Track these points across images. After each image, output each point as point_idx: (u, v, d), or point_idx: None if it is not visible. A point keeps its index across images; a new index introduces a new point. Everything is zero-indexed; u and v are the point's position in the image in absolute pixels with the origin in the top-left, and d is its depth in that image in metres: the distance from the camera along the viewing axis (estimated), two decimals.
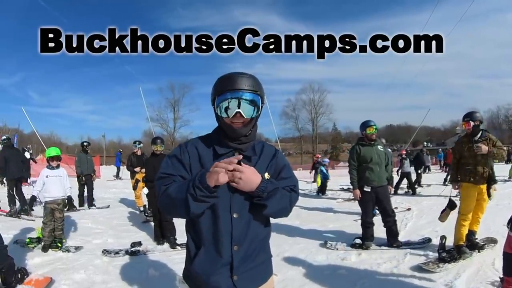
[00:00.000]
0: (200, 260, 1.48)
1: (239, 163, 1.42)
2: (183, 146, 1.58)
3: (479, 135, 4.52)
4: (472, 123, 4.52)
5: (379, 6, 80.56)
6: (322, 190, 12.63)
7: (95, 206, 9.43)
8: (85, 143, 10.04)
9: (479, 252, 4.42)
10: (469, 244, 4.48)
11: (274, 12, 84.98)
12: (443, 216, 4.81)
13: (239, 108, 1.44)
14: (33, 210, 5.23)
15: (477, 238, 4.61)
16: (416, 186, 12.04)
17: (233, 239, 1.45)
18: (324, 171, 12.83)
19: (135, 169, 8.64)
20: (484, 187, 4.44)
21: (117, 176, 20.75)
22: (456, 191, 4.84)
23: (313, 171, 14.79)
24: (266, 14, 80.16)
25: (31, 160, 14.71)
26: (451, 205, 4.76)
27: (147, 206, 7.88)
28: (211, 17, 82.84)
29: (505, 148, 4.49)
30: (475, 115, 4.59)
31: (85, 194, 9.51)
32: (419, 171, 13.02)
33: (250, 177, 1.41)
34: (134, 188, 8.44)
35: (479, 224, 4.59)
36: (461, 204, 4.59)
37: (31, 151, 15.83)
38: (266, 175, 1.52)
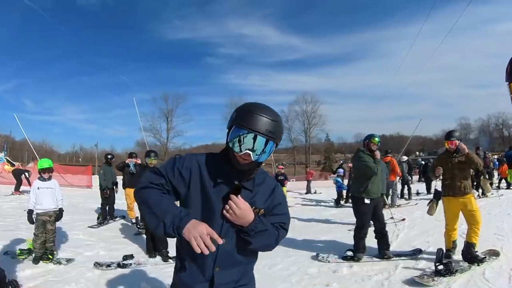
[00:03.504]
0: (183, 275, 1.54)
1: (237, 194, 1.46)
2: (187, 160, 1.56)
3: (456, 152, 4.80)
4: (457, 142, 4.79)
5: (371, 19, 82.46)
6: (338, 200, 12.38)
7: (114, 220, 9.18)
8: (109, 156, 9.80)
9: (478, 265, 4.37)
10: (469, 257, 4.49)
11: (269, 24, 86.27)
12: (431, 208, 5.01)
13: (252, 149, 1.42)
14: (32, 223, 5.16)
15: (477, 251, 4.56)
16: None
17: (216, 261, 1.50)
18: (340, 181, 12.72)
19: (126, 161, 8.48)
20: (467, 199, 4.63)
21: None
22: (439, 173, 4.91)
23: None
24: (261, 26, 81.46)
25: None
26: (437, 196, 4.99)
27: (139, 218, 7.84)
28: (206, 28, 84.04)
29: (479, 159, 4.74)
30: (457, 134, 4.94)
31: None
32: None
33: (245, 213, 1.45)
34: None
35: (478, 236, 4.55)
36: (445, 217, 4.90)
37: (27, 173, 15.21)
38: (261, 211, 1.56)
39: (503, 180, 14.78)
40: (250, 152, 1.42)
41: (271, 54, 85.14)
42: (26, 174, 14.41)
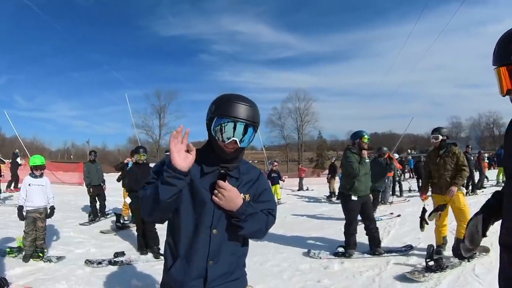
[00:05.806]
0: (175, 271, 1.53)
1: (224, 180, 1.49)
2: None
3: (444, 150, 4.91)
4: (440, 137, 4.91)
5: (364, 18, 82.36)
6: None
7: (105, 217, 9.06)
8: (92, 153, 9.60)
9: (468, 261, 4.42)
10: (459, 253, 4.50)
11: (262, 22, 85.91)
12: (421, 223, 5.03)
13: (234, 135, 1.48)
14: (23, 220, 5.10)
15: None
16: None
17: (209, 254, 1.51)
18: None
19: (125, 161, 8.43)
20: (455, 196, 4.69)
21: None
22: (425, 201, 5.11)
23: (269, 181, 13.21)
24: (255, 24, 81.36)
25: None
26: (423, 214, 5.02)
27: (125, 217, 7.79)
28: (200, 25, 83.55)
29: (466, 167, 4.79)
30: (443, 130, 5.01)
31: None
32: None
33: (233, 197, 1.49)
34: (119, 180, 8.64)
35: None
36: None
37: (22, 161, 15.10)
38: (247, 197, 1.58)
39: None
40: (236, 139, 1.48)
41: (264, 52, 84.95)
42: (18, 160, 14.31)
